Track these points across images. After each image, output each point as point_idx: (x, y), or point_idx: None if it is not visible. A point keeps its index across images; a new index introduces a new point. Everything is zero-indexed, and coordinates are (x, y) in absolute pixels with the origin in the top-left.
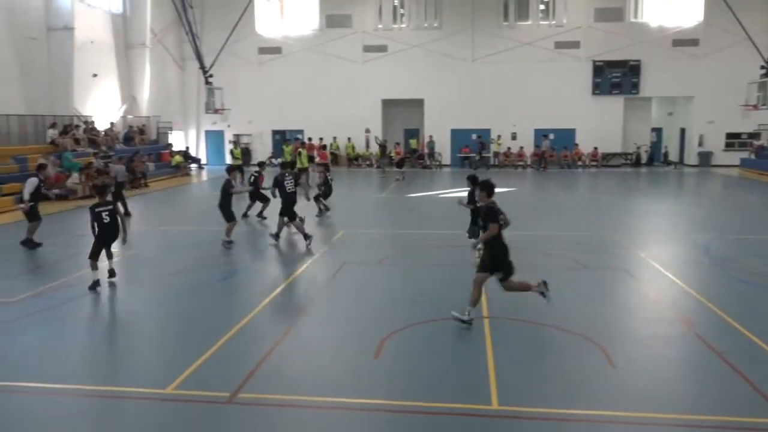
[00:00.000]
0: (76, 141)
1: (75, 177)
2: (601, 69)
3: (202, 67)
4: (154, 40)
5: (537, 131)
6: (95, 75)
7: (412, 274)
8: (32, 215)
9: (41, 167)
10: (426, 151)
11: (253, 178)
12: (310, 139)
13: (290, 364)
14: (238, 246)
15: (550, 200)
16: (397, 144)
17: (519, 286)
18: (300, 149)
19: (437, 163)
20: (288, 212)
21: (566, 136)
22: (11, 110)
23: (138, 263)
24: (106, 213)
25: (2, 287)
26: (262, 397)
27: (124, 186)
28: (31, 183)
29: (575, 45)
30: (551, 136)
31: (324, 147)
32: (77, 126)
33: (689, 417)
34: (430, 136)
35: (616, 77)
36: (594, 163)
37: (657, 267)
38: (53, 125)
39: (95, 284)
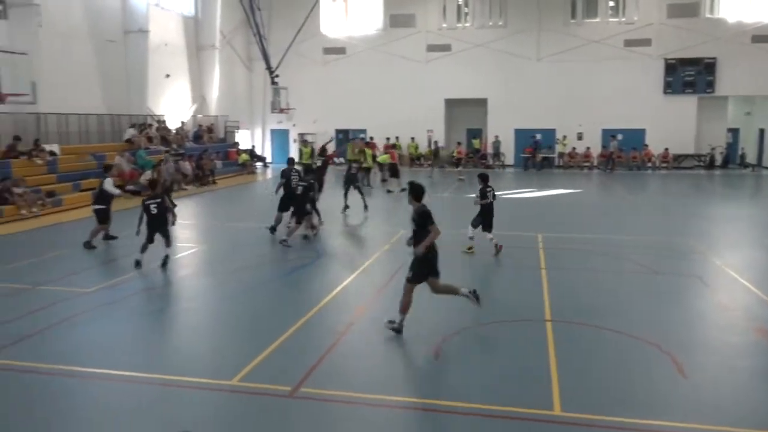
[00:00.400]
0: (149, 139)
1: (148, 174)
2: (673, 67)
3: (269, 67)
4: (223, 42)
5: (605, 131)
6: (168, 76)
7: (473, 274)
8: (104, 218)
9: (108, 168)
10: (491, 151)
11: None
12: (372, 138)
13: (351, 361)
14: (302, 243)
15: (617, 203)
16: (459, 144)
17: (446, 289)
18: (365, 148)
19: (500, 163)
20: (283, 207)
21: (635, 137)
22: (91, 110)
23: (207, 258)
24: (155, 205)
25: (80, 279)
26: (323, 393)
27: (171, 183)
28: (110, 182)
29: (646, 42)
30: (619, 137)
31: (393, 146)
32: (150, 125)
33: None
34: (496, 136)
35: (690, 76)
36: (665, 165)
37: (732, 274)
38: (133, 125)
39: (137, 263)
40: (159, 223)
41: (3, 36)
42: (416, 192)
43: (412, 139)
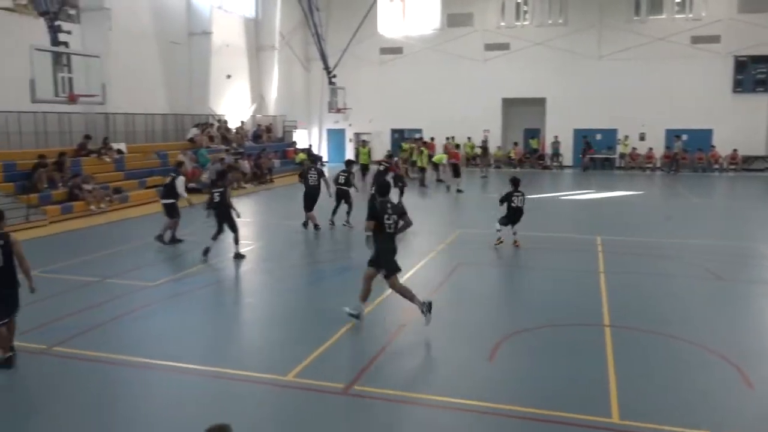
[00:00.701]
0: (211, 138)
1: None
2: (743, 65)
3: (326, 67)
4: (282, 43)
5: (668, 132)
6: (229, 76)
7: (529, 277)
8: (173, 212)
9: (180, 164)
10: (549, 151)
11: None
12: (432, 138)
13: (404, 360)
14: (357, 241)
15: (682, 205)
16: (516, 144)
17: (402, 290)
18: (422, 148)
19: (558, 163)
20: (307, 204)
21: (702, 137)
22: (156, 110)
23: (264, 255)
24: (218, 193)
25: (146, 273)
26: (376, 391)
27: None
28: (182, 182)
29: (715, 39)
30: (684, 137)
31: (457, 146)
32: (212, 124)
33: None
34: (555, 137)
35: (762, 73)
36: (733, 167)
37: None
38: (197, 125)
39: (206, 251)
40: (222, 213)
41: (76, 39)
42: (381, 189)
43: (469, 138)
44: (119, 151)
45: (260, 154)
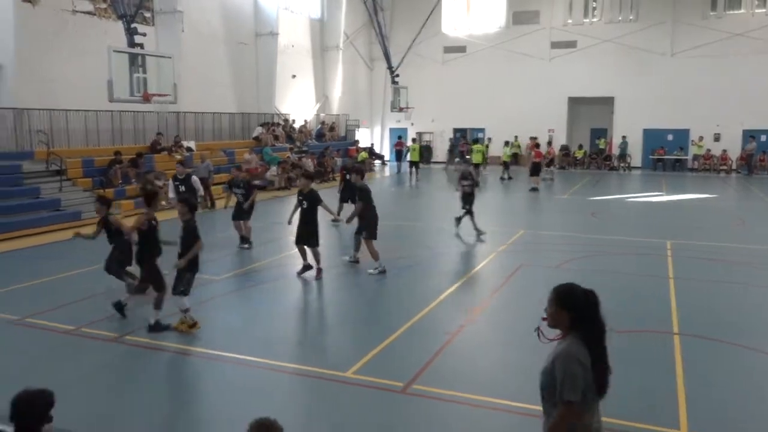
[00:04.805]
0: (275, 137)
1: (273, 170)
2: None
3: (390, 67)
4: (346, 43)
5: (745, 132)
6: (294, 76)
7: (592, 281)
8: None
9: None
10: (616, 152)
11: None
12: (490, 139)
13: (464, 362)
14: (419, 240)
15: (759, 209)
16: (581, 146)
17: (372, 251)
18: (473, 146)
19: (626, 164)
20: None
21: None
22: (224, 109)
23: (325, 252)
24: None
25: (212, 267)
26: (435, 391)
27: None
28: (197, 181)
29: None
30: (763, 138)
31: (537, 146)
32: (277, 123)
33: None
34: (623, 137)
35: None
36: None
37: None
38: (263, 123)
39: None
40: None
41: (150, 41)
42: (360, 172)
43: (531, 138)
44: (189, 149)
45: (324, 153)
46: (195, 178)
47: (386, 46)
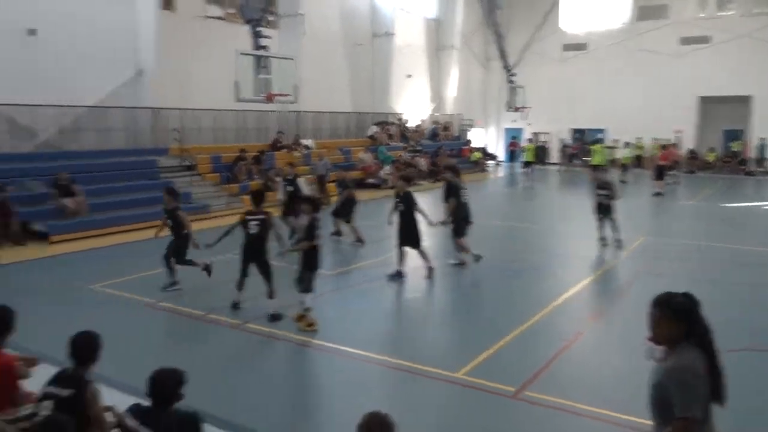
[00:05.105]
0: (390, 136)
1: (387, 169)
2: None
3: (506, 66)
4: (462, 42)
5: None
6: (409, 76)
7: (719, 293)
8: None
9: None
10: (753, 155)
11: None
12: (616, 140)
13: (580, 370)
14: (533, 243)
15: None
16: (712, 149)
17: (461, 246)
18: (593, 146)
19: (764, 169)
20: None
21: None
22: (341, 108)
23: (438, 252)
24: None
25: (325, 262)
26: (547, 399)
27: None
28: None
29: None
30: None
31: (664, 147)
32: (391, 122)
33: None
34: (762, 139)
35: None
36: None
37: None
38: (378, 123)
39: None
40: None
41: (274, 43)
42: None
43: (656, 140)
44: (307, 147)
45: (437, 152)
46: (301, 179)
47: (502, 44)
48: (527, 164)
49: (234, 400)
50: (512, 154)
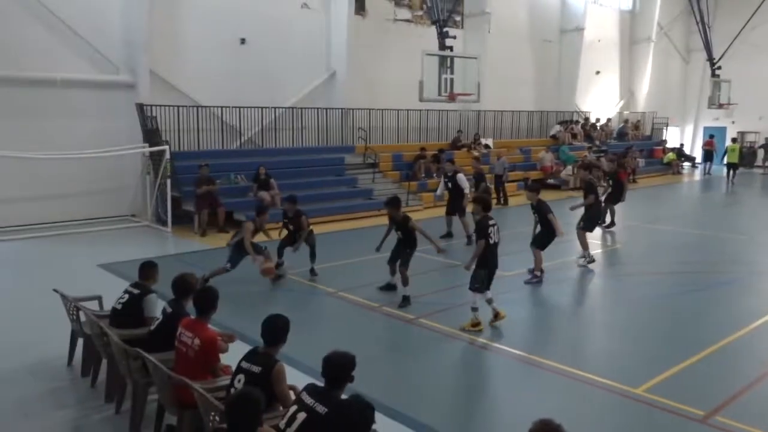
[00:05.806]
0: (573, 135)
1: (568, 169)
2: None
3: (710, 58)
4: (659, 34)
5: None
6: (598, 72)
7: None
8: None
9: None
10: None
11: None
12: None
13: None
14: (736, 254)
15: None
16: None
17: (583, 242)
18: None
19: None
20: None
21: None
22: (523, 107)
23: (624, 259)
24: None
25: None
26: (742, 428)
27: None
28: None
29: None
30: None
31: None
32: (576, 121)
33: None
34: None
35: None
36: None
37: None
38: (561, 122)
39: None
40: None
41: (458, 43)
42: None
43: None
44: (486, 146)
45: (626, 153)
46: (461, 176)
47: (708, 35)
48: (730, 166)
49: (399, 389)
50: (707, 154)
